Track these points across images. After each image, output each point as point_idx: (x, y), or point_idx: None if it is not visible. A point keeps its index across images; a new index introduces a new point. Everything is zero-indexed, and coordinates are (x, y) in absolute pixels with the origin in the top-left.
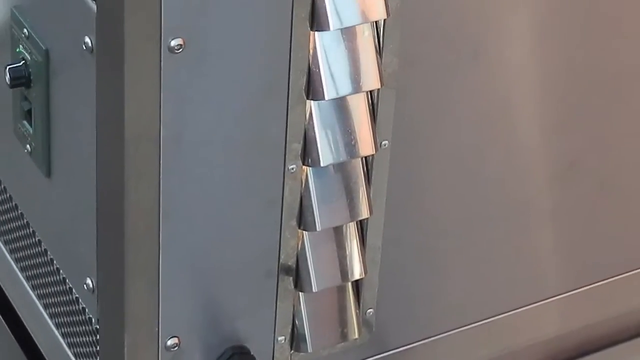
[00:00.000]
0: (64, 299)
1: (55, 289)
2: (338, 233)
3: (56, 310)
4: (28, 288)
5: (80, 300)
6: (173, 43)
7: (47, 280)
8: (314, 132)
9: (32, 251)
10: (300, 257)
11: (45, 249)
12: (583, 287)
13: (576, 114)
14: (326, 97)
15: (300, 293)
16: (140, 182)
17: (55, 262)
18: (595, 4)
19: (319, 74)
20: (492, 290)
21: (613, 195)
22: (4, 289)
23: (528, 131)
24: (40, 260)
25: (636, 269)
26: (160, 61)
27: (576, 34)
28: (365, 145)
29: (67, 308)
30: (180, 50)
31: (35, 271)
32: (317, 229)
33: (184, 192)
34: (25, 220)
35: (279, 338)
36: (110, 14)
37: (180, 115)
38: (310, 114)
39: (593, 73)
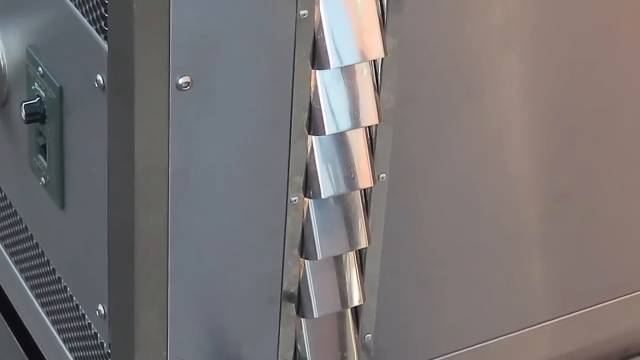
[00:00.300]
0: (77, 324)
1: (69, 314)
2: (338, 261)
3: (70, 335)
4: (43, 314)
5: (92, 325)
6: (181, 81)
7: (61, 306)
8: (315, 166)
9: (46, 279)
10: (302, 285)
11: (59, 277)
12: (572, 312)
13: (564, 150)
14: (327, 132)
15: (302, 319)
16: (149, 213)
17: (68, 289)
18: (579, 47)
19: (319, 110)
20: (485, 315)
21: (599, 226)
22: (19, 313)
23: (519, 165)
24: (54, 287)
25: (622, 296)
26: (169, 98)
27: (563, 74)
28: (364, 178)
29: (80, 333)
30: (188, 87)
31: (49, 298)
32: (318, 258)
33: (191, 222)
34: (40, 250)
35: None
36: (121, 53)
37: (188, 149)
38: (312, 148)
39: (579, 111)
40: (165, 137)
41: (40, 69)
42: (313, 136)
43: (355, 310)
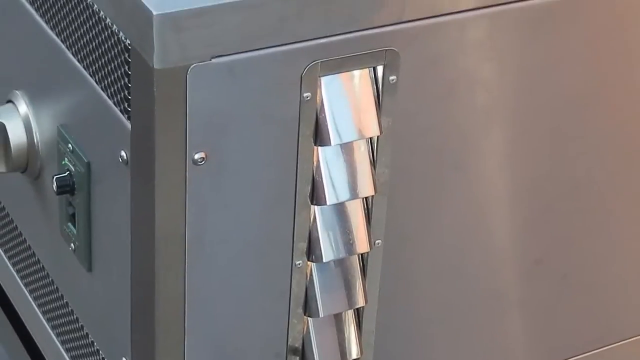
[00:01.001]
0: None
1: None
2: (338, 319)
3: None
4: None
5: None
6: (197, 156)
7: (88, 359)
8: (318, 233)
9: (75, 334)
10: (305, 340)
11: (86, 332)
12: None
13: (540, 219)
14: (328, 203)
15: None
16: (168, 275)
17: (95, 343)
18: (555, 127)
19: (321, 183)
20: None
21: (573, 287)
22: None
23: (500, 232)
24: (83, 342)
25: (594, 350)
26: (186, 172)
27: (541, 150)
28: (361, 244)
29: None
30: (203, 162)
31: (78, 351)
32: (320, 316)
33: (205, 284)
34: (70, 308)
35: None
36: (143, 132)
37: (203, 218)
38: (314, 217)
39: (555, 184)
40: (183, 206)
41: (69, 145)
42: (315, 206)
43: None
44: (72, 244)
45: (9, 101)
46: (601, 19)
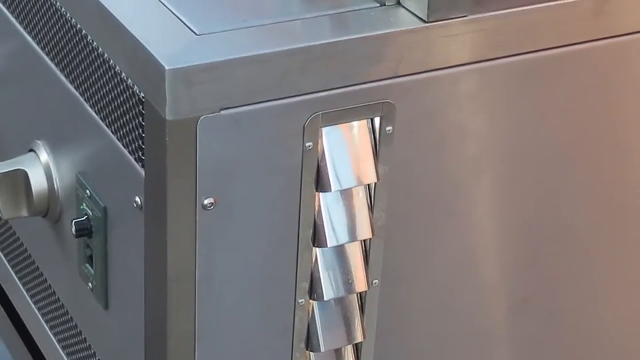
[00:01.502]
0: None
1: None
2: (338, 354)
3: None
4: None
5: None
6: (206, 202)
7: None
8: (319, 273)
9: None
10: None
11: None
12: None
13: (528, 259)
14: (328, 245)
15: None
16: (179, 313)
17: None
18: (541, 175)
19: (322, 227)
20: None
21: (559, 324)
22: None
23: (490, 272)
24: None
25: None
26: (196, 216)
27: (529, 196)
28: (360, 283)
29: None
30: (212, 207)
31: None
32: (322, 351)
33: (214, 320)
34: (87, 343)
35: None
36: (156, 179)
37: (212, 259)
38: (316, 258)
39: (541, 227)
40: (193, 248)
41: (87, 191)
42: (317, 248)
43: None
44: (89, 284)
45: (31, 150)
46: (584, 74)
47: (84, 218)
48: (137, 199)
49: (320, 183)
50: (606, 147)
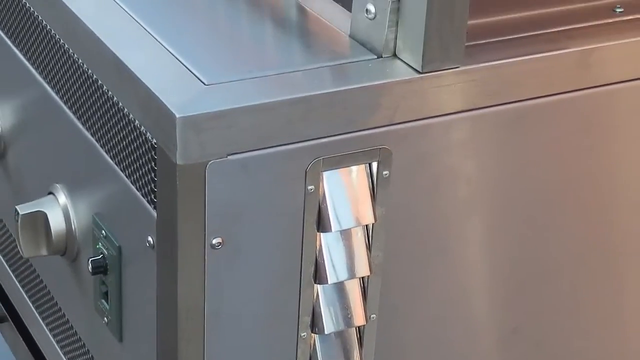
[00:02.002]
0: None
1: None
2: None
3: None
4: None
5: None
6: (214, 242)
7: None
8: (320, 308)
9: None
10: None
11: None
12: None
13: (517, 294)
14: (329, 282)
15: None
16: (189, 345)
17: None
18: (529, 216)
19: (324, 265)
20: None
21: (547, 354)
22: None
23: (480, 306)
24: None
25: None
26: (205, 255)
27: (516, 236)
28: (358, 318)
29: None
30: (220, 247)
31: None
32: None
33: (222, 353)
34: None
35: None
36: (167, 220)
37: (219, 295)
38: (317, 294)
39: (529, 264)
40: (202, 285)
41: (103, 231)
42: (318, 285)
43: None
44: (105, 318)
45: (50, 193)
46: (569, 121)
47: (100, 257)
48: (150, 238)
49: (321, 224)
50: (590, 188)
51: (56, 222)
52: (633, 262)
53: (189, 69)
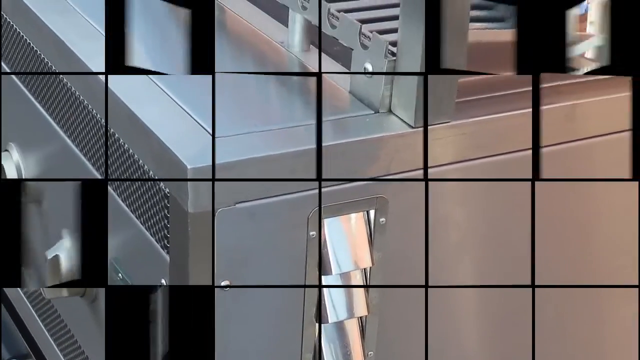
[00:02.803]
0: None
1: None
2: None
3: None
4: None
5: None
6: (222, 284)
7: None
8: (321, 346)
9: None
10: None
11: None
12: None
13: (505, 329)
14: (329, 321)
15: None
16: None
17: None
18: (517, 256)
19: (324, 305)
20: None
21: None
22: None
23: (471, 338)
24: None
25: None
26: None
27: (505, 274)
28: (357, 355)
29: None
30: (227, 289)
31: None
32: None
33: None
34: None
35: None
36: (179, 264)
37: (227, 333)
38: (319, 332)
39: (514, 302)
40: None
41: (120, 274)
42: (319, 324)
43: None
44: None
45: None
46: (554, 172)
47: None
48: (163, 281)
49: (323, 267)
50: (573, 234)
51: (77, 266)
52: (614, 296)
53: (198, 123)
